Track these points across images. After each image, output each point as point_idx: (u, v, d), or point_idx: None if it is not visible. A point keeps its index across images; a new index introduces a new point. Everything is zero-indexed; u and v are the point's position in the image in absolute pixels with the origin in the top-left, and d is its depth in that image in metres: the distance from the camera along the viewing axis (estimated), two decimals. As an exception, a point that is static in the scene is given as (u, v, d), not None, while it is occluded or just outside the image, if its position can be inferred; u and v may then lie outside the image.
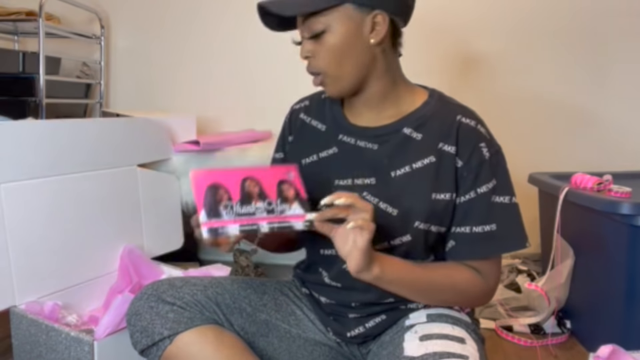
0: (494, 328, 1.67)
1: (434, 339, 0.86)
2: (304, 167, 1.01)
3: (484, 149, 0.91)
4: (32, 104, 1.92)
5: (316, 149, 1.00)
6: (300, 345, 1.03)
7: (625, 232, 1.35)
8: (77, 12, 2.22)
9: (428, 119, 0.94)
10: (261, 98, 2.26)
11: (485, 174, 0.90)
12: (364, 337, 0.99)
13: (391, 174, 0.93)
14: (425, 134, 0.93)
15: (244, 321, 0.99)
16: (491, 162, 0.91)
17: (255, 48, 2.25)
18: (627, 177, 1.69)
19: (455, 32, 2.14)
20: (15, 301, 1.24)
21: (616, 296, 1.41)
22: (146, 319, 0.93)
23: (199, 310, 0.95)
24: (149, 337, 0.93)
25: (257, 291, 1.05)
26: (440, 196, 0.91)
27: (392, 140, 0.94)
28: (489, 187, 0.90)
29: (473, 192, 0.90)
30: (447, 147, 0.91)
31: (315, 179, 0.97)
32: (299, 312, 1.05)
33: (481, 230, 0.90)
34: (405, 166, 0.92)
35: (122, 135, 1.54)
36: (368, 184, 0.93)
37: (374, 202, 0.92)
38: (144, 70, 2.36)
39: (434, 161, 0.91)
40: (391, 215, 0.91)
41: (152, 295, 0.96)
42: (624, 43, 2.08)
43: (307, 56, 0.92)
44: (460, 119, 0.92)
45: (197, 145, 1.75)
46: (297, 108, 1.08)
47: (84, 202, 1.40)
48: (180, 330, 0.92)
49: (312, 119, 1.04)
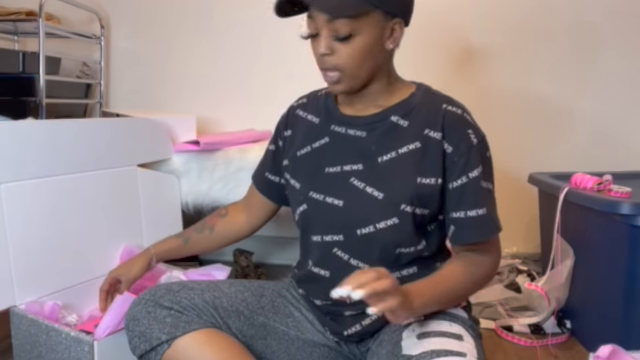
0: (494, 328, 1.67)
1: (431, 337, 0.86)
2: (299, 158, 1.05)
3: (471, 135, 0.94)
4: (32, 104, 1.92)
5: (310, 141, 1.04)
6: (299, 347, 1.03)
7: (625, 232, 1.35)
8: (77, 12, 2.22)
9: (414, 107, 0.97)
10: (261, 98, 2.26)
11: (474, 159, 0.93)
12: (361, 335, 1.00)
13: (378, 160, 0.95)
14: (412, 121, 0.96)
15: (241, 324, 1.00)
16: (479, 147, 0.94)
17: (255, 48, 2.25)
18: (627, 177, 1.69)
19: (453, 31, 2.14)
20: (15, 301, 1.24)
21: (616, 296, 1.41)
22: (144, 324, 0.94)
23: (197, 314, 0.96)
24: (147, 342, 0.93)
25: (255, 294, 1.05)
26: (425, 180, 0.93)
27: (380, 128, 0.97)
28: (479, 171, 0.93)
29: (465, 176, 0.93)
30: (433, 133, 0.94)
31: (308, 168, 1.02)
32: (297, 314, 1.05)
33: (475, 214, 0.93)
34: (391, 152, 0.95)
35: (122, 135, 1.54)
36: (356, 169, 0.97)
37: (361, 186, 0.95)
38: (144, 70, 2.36)
39: (419, 147, 0.94)
40: (377, 199, 0.93)
41: (150, 301, 0.96)
42: (623, 43, 2.08)
43: (325, 53, 0.91)
44: (446, 107, 0.95)
45: (197, 145, 1.75)
46: (295, 105, 1.12)
47: (84, 202, 1.40)
48: (178, 335, 0.92)
49: (308, 114, 1.08)
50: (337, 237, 0.97)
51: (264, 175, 1.17)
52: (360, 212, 0.95)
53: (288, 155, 1.08)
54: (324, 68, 0.93)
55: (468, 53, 2.15)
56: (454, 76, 2.16)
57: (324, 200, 0.98)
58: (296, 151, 1.06)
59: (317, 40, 0.92)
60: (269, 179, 1.16)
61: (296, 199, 1.03)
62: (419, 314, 0.89)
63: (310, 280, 1.03)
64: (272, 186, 1.16)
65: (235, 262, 2.03)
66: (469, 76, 2.15)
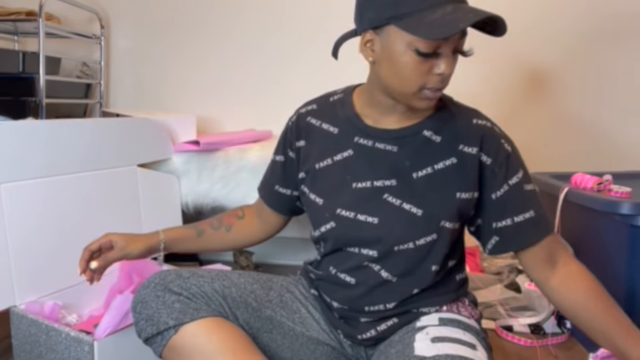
0: (494, 328, 1.67)
1: (446, 342, 0.86)
2: (318, 171, 1.01)
3: (505, 144, 0.96)
4: (32, 104, 1.92)
5: (330, 153, 1.00)
6: (303, 343, 1.03)
7: (625, 232, 1.35)
8: (77, 12, 2.22)
9: (446, 122, 0.96)
10: (261, 98, 2.26)
11: (512, 167, 0.95)
12: (376, 340, 0.99)
13: (413, 175, 0.94)
14: (444, 136, 0.95)
15: (249, 316, 1.00)
16: (514, 154, 0.96)
17: (255, 48, 2.25)
18: (627, 177, 1.69)
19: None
20: (15, 301, 1.24)
21: (616, 296, 1.40)
22: (152, 307, 0.93)
23: (205, 302, 0.96)
24: (154, 326, 0.93)
25: (264, 287, 1.05)
26: (465, 195, 0.94)
27: (413, 143, 0.95)
28: (519, 177, 0.95)
29: (506, 185, 0.94)
30: (468, 148, 0.94)
31: (332, 182, 0.98)
32: (304, 311, 1.05)
33: (522, 219, 0.94)
34: (427, 167, 0.94)
35: (122, 135, 1.54)
36: (389, 185, 0.94)
37: (397, 203, 0.93)
38: (144, 70, 2.36)
39: (455, 162, 0.94)
40: (416, 216, 0.92)
41: (159, 285, 0.96)
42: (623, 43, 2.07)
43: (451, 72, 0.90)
44: (476, 122, 0.96)
45: (197, 145, 1.75)
46: (304, 112, 1.06)
47: (84, 202, 1.40)
48: (185, 321, 0.92)
49: (323, 123, 1.03)
50: (372, 252, 0.95)
51: (273, 188, 1.12)
52: (398, 230, 0.93)
53: (304, 168, 1.03)
54: (441, 88, 0.90)
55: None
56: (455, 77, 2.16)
57: (356, 217, 0.95)
58: (314, 163, 1.01)
59: (440, 60, 0.88)
60: (279, 192, 1.11)
61: (320, 216, 0.99)
62: None
63: (332, 284, 1.01)
64: (283, 200, 1.12)
65: (235, 262, 2.03)
66: (468, 77, 2.15)
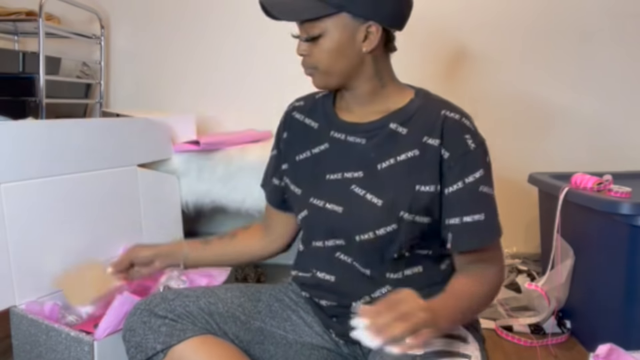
0: (494, 328, 1.67)
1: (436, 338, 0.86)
2: (298, 163, 1.04)
3: (469, 140, 0.93)
4: (32, 104, 1.92)
5: (309, 146, 1.04)
6: (297, 350, 1.03)
7: (625, 232, 1.35)
8: (77, 12, 2.22)
9: (413, 114, 0.96)
10: (261, 98, 2.26)
11: (471, 164, 0.92)
12: None
13: (377, 167, 0.95)
14: (411, 128, 0.95)
15: (238, 329, 1.00)
16: (477, 152, 0.93)
17: (255, 47, 2.25)
18: (627, 177, 1.69)
19: (448, 34, 2.14)
20: (15, 301, 1.24)
21: (616, 296, 1.41)
22: (139, 334, 0.94)
23: (191, 321, 0.96)
24: (143, 352, 0.93)
25: (252, 299, 1.05)
26: (424, 188, 0.92)
27: (380, 135, 0.97)
28: (476, 177, 0.92)
29: (460, 182, 0.92)
30: (431, 140, 0.93)
31: (309, 174, 1.02)
32: (295, 317, 1.06)
33: (471, 220, 0.92)
34: (390, 159, 0.95)
35: (122, 135, 1.54)
36: (357, 177, 0.97)
37: (362, 194, 0.95)
38: (144, 70, 2.36)
39: (417, 154, 0.93)
40: (376, 206, 0.93)
41: (145, 310, 0.96)
42: (623, 43, 2.08)
43: (302, 54, 0.97)
44: (445, 113, 0.94)
45: (197, 145, 1.75)
46: (291, 108, 1.12)
47: (84, 202, 1.40)
48: (173, 344, 0.92)
49: (306, 117, 1.07)
50: (339, 242, 0.97)
51: (271, 181, 1.14)
52: (358, 219, 0.94)
53: (287, 160, 1.07)
54: (303, 67, 0.98)
55: (466, 55, 2.15)
56: (453, 79, 2.16)
57: (324, 206, 0.98)
58: (295, 156, 1.05)
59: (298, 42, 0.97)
60: (275, 184, 1.13)
61: (297, 205, 1.03)
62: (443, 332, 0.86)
63: (315, 285, 1.02)
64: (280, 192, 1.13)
65: (235, 262, 2.03)
66: (469, 77, 2.15)
